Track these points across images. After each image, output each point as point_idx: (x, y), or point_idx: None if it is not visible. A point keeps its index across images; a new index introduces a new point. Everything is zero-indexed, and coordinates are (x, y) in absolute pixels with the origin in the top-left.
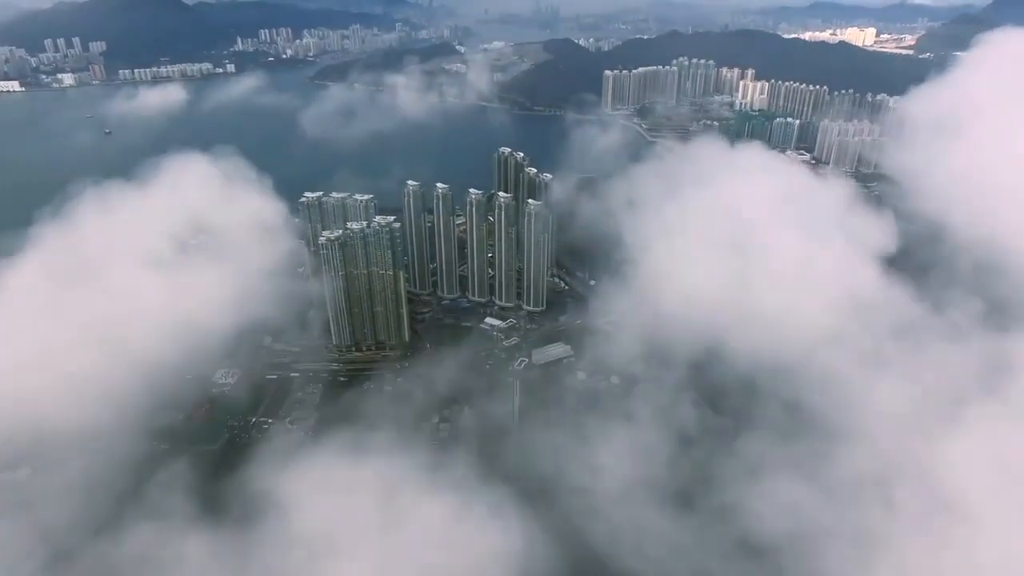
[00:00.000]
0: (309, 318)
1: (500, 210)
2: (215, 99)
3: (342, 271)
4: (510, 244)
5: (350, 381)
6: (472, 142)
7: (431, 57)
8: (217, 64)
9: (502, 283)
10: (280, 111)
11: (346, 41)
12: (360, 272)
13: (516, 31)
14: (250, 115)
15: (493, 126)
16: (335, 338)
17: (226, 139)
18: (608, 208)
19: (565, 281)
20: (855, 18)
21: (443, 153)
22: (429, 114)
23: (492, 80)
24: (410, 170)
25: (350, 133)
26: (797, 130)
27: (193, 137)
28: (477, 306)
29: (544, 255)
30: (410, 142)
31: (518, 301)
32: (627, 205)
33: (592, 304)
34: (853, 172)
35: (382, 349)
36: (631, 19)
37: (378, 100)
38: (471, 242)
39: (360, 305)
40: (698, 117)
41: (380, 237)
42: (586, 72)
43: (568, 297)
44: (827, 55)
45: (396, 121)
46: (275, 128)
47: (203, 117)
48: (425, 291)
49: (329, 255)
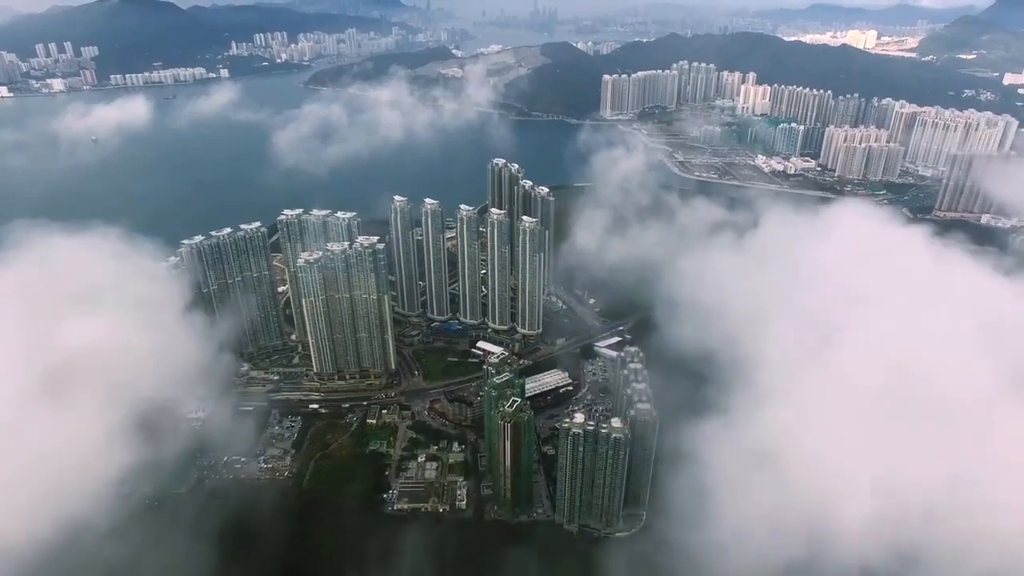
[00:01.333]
0: (290, 343)
1: (492, 228)
2: (197, 108)
3: (322, 295)
4: (503, 264)
5: (331, 414)
6: (466, 150)
7: (427, 61)
8: (210, 69)
9: (495, 305)
10: (266, 120)
11: (342, 45)
12: (342, 296)
13: (514, 34)
14: (234, 125)
15: (489, 132)
16: (316, 365)
17: (202, 154)
18: (607, 220)
19: (562, 300)
20: (854, 20)
21: (435, 163)
22: (423, 121)
23: (488, 85)
24: (400, 181)
25: (338, 143)
26: (802, 136)
27: (166, 152)
28: (469, 328)
29: (539, 275)
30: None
31: (512, 323)
32: (628, 218)
33: (591, 325)
34: (861, 180)
35: (366, 377)
36: (629, 21)
37: (370, 106)
38: (462, 261)
39: (342, 331)
40: (699, 122)
41: (362, 259)
42: (584, 76)
43: (565, 317)
44: (829, 58)
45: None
46: (259, 139)
47: (180, 130)
48: (414, 312)
49: (308, 279)
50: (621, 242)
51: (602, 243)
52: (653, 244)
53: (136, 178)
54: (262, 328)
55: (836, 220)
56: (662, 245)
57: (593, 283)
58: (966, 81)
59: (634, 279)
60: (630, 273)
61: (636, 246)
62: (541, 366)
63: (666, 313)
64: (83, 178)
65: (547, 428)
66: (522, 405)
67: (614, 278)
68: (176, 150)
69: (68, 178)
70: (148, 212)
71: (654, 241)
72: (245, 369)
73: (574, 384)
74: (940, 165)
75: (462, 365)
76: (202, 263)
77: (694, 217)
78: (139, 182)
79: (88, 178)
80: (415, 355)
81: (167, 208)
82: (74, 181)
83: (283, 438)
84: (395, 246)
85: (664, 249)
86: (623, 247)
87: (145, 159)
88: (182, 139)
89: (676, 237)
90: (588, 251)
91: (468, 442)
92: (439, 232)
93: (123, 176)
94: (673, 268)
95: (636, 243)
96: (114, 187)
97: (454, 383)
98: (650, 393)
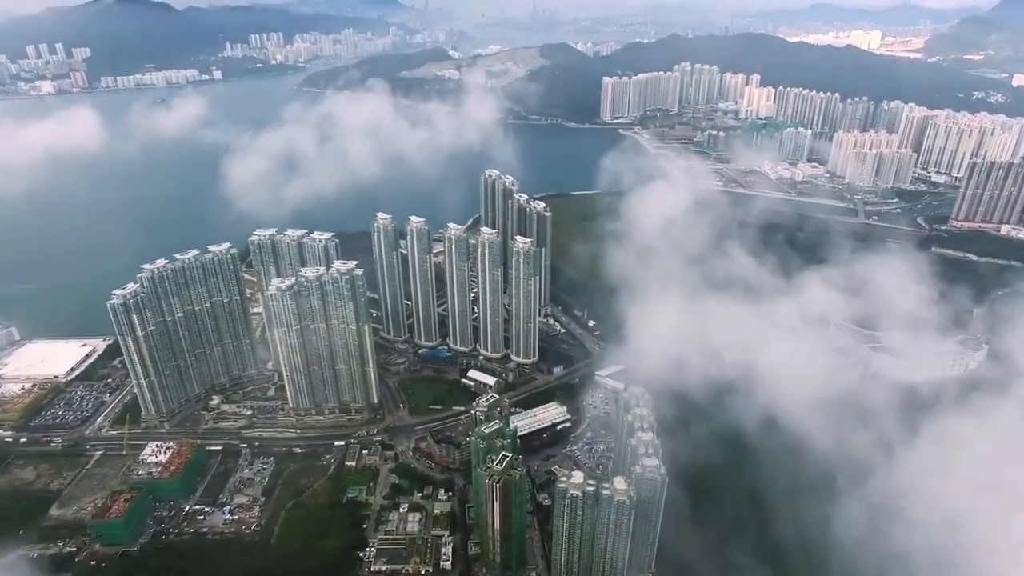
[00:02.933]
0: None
1: (483, 249)
2: (177, 114)
3: (296, 325)
4: (495, 288)
5: (307, 454)
6: (460, 156)
7: (422, 63)
8: (204, 71)
9: (487, 331)
10: (247, 128)
11: (338, 46)
12: (318, 326)
13: (513, 34)
14: (212, 133)
15: (484, 137)
16: (292, 400)
17: (172, 168)
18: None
19: (560, 322)
20: (856, 20)
21: (426, 170)
22: (415, 126)
23: (486, 87)
24: (387, 192)
25: (321, 153)
26: (809, 140)
27: (133, 166)
28: (459, 356)
29: (534, 300)
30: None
31: (506, 350)
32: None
33: (592, 350)
34: (872, 187)
35: (347, 412)
36: (629, 22)
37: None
38: (451, 284)
39: (319, 363)
40: (703, 126)
41: (339, 286)
42: (584, 78)
43: (564, 342)
44: (834, 59)
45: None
46: (235, 150)
47: (152, 140)
48: (400, 338)
49: (280, 308)
50: (623, 257)
51: (603, 258)
52: (658, 260)
53: (97, 194)
54: (235, 357)
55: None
56: (667, 261)
57: (593, 302)
58: (975, 83)
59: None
60: (633, 291)
61: (639, 262)
62: (537, 398)
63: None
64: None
65: (543, 472)
66: (513, 460)
67: (616, 297)
68: (145, 163)
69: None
70: (107, 233)
71: (658, 257)
72: (216, 403)
73: (573, 420)
74: (954, 171)
75: (451, 396)
76: (164, 289)
77: (701, 229)
78: (101, 199)
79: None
80: (401, 385)
81: (129, 229)
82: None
83: (253, 483)
84: (379, 266)
85: (669, 266)
86: (625, 263)
87: (110, 173)
88: (152, 150)
89: (682, 252)
90: (587, 267)
91: (455, 489)
92: (425, 252)
93: (83, 193)
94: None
95: (639, 259)
96: (71, 206)
97: (442, 418)
98: (658, 444)
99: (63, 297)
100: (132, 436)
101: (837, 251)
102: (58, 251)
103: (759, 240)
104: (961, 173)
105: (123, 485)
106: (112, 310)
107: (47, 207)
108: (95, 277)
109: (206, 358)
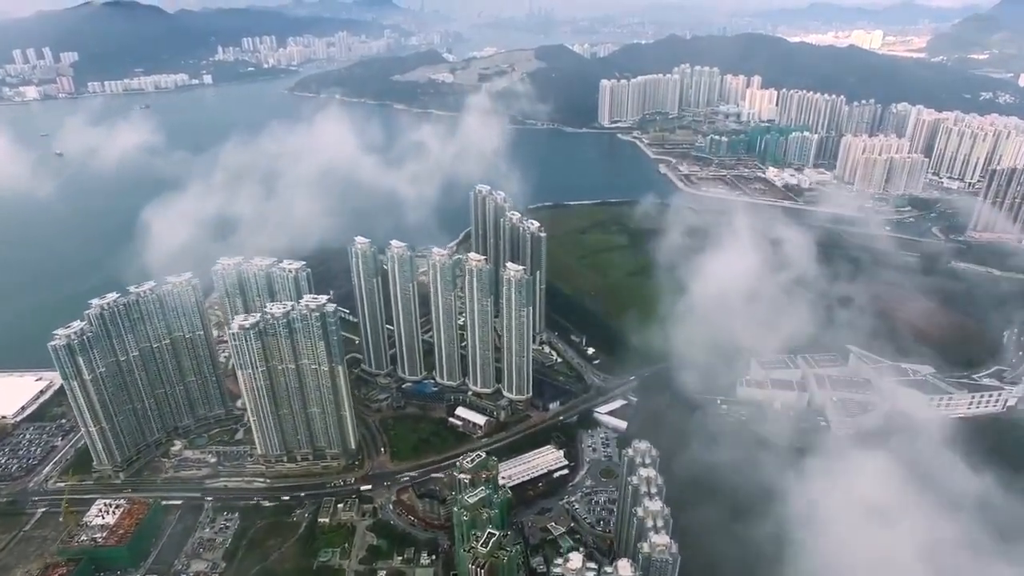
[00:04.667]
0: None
1: (471, 277)
2: (161, 119)
3: (262, 366)
4: (484, 319)
5: (277, 508)
6: (454, 163)
7: (416, 66)
8: (194, 75)
9: (476, 364)
10: (224, 137)
11: (332, 49)
12: (286, 367)
13: (509, 35)
14: (184, 143)
15: (478, 143)
16: (260, 446)
17: (135, 185)
18: (606, 248)
19: (556, 349)
20: (855, 19)
21: (415, 180)
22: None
23: (480, 91)
24: (372, 206)
25: (303, 164)
26: (815, 145)
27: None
28: (446, 391)
29: (527, 333)
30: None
31: (497, 385)
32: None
33: (591, 382)
34: (883, 194)
35: (322, 458)
36: (627, 22)
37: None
38: (436, 314)
39: (290, 406)
40: (704, 130)
41: (309, 324)
42: (581, 81)
43: (560, 373)
44: (837, 59)
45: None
46: (207, 163)
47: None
48: (382, 371)
49: (244, 347)
50: (624, 277)
51: (602, 277)
52: (661, 278)
53: (62, 209)
54: (200, 396)
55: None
56: (671, 279)
57: (592, 327)
58: (981, 83)
59: (640, 321)
60: (635, 313)
61: (641, 281)
62: (531, 440)
63: (683, 367)
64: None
65: (537, 529)
66: (501, 539)
67: (617, 320)
68: (112, 176)
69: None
70: (70, 254)
71: (662, 274)
72: (178, 448)
73: (571, 466)
74: (967, 176)
75: (438, 438)
76: (117, 326)
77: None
78: (65, 214)
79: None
80: (382, 425)
81: (79, 259)
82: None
83: (214, 544)
84: (357, 294)
85: (674, 284)
86: (626, 282)
87: (77, 185)
88: (122, 161)
89: (687, 269)
90: (585, 287)
91: (440, 550)
92: (408, 281)
93: (46, 208)
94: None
95: (641, 277)
96: (33, 221)
97: (427, 464)
98: (667, 515)
99: (17, 323)
100: (80, 490)
101: (851, 267)
102: (15, 272)
103: (767, 254)
104: (975, 179)
105: (60, 555)
106: (54, 352)
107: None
108: (55, 302)
109: (167, 399)
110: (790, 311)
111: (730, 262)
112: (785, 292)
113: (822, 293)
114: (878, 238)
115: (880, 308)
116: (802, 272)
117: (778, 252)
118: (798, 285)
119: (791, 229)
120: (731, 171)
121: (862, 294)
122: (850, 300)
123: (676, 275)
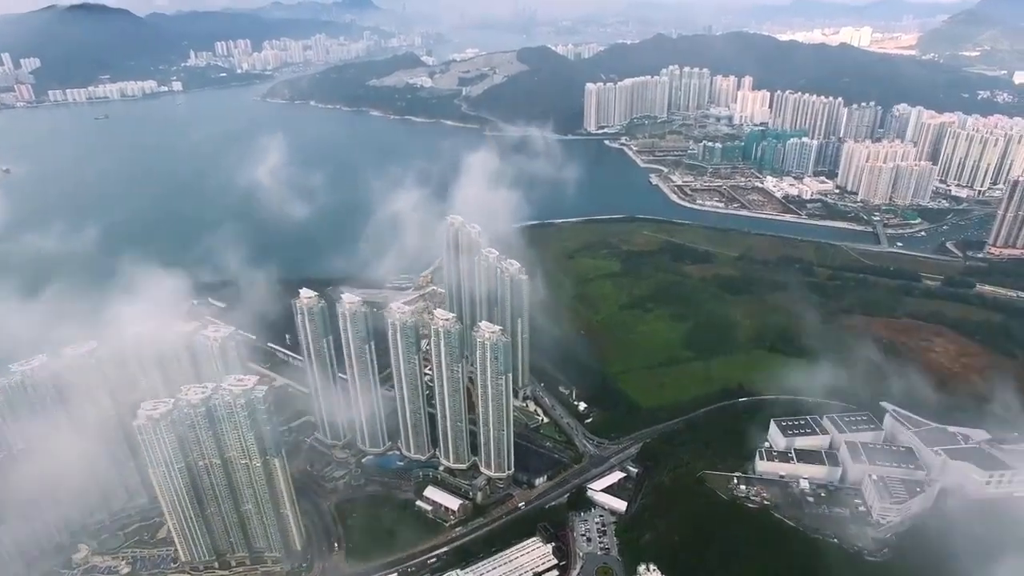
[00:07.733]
0: None
1: (438, 339)
2: (114, 131)
3: (179, 463)
4: (455, 388)
5: None
6: (426, 179)
7: (393, 70)
8: (163, 81)
9: (447, 437)
10: (167, 156)
11: (309, 52)
12: (210, 463)
13: (493, 36)
14: (119, 167)
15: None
16: (183, 552)
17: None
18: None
19: (543, 406)
20: (838, 15)
21: (382, 200)
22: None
23: (459, 95)
24: (333, 229)
25: (254, 188)
26: (815, 152)
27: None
28: (414, 465)
29: (506, 403)
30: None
31: (474, 458)
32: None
33: (584, 450)
34: (889, 204)
35: (261, 562)
36: (611, 21)
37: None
38: (399, 379)
39: (217, 506)
40: (695, 135)
41: (235, 413)
42: (565, 84)
43: (548, 438)
44: (828, 58)
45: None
46: (135, 191)
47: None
48: (338, 441)
49: (154, 442)
50: (616, 310)
51: (594, 312)
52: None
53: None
54: (116, 486)
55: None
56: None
57: (582, 373)
58: (977, 81)
59: (637, 366)
60: (631, 356)
61: (637, 316)
62: (513, 527)
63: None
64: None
65: None
66: None
67: (610, 364)
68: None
69: None
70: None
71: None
72: (83, 555)
73: (561, 565)
74: (977, 184)
75: (404, 525)
76: None
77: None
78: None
79: None
80: (338, 511)
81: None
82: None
83: None
84: (306, 355)
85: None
86: (619, 317)
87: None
88: (56, 182)
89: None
90: (575, 324)
91: None
92: (363, 342)
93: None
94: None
95: (636, 311)
96: None
97: (390, 563)
98: None
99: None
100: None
101: (867, 293)
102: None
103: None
104: (985, 186)
105: None
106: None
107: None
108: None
109: (71, 493)
110: (802, 352)
111: (731, 289)
112: (793, 326)
113: (835, 330)
114: (891, 257)
115: (911, 351)
116: (808, 301)
117: (782, 277)
118: (805, 318)
119: (795, 248)
120: (727, 181)
121: (886, 331)
122: (876, 341)
123: (672, 310)
